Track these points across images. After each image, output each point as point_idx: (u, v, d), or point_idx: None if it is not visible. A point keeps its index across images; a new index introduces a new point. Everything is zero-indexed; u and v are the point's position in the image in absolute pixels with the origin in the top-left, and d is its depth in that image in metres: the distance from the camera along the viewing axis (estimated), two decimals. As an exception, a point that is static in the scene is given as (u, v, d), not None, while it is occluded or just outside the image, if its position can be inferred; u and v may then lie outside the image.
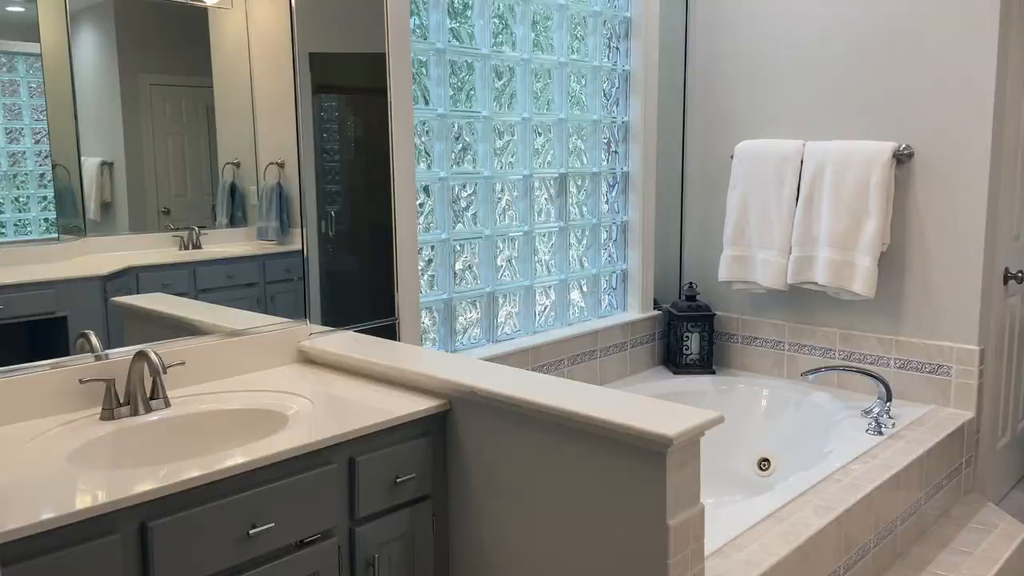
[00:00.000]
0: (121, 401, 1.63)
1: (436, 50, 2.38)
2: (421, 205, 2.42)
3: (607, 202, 3.06)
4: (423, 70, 2.37)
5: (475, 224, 2.59)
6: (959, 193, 2.61)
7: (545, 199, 2.81)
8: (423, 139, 2.40)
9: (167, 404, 1.66)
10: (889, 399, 2.59)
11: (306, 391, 1.76)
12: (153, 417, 1.61)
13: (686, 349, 3.14)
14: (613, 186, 3.07)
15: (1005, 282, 2.78)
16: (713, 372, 3.14)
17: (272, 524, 1.42)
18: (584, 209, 2.97)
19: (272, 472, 1.42)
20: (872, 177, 2.67)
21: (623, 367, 3.06)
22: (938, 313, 2.69)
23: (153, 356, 1.58)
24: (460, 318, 2.58)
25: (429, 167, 2.43)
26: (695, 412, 1.45)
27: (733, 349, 3.21)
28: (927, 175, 2.67)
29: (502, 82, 2.61)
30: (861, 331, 2.87)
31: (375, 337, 2.09)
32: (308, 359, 2.00)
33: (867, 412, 2.59)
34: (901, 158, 2.70)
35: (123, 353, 1.70)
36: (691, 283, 3.22)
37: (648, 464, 1.42)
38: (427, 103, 2.40)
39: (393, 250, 2.23)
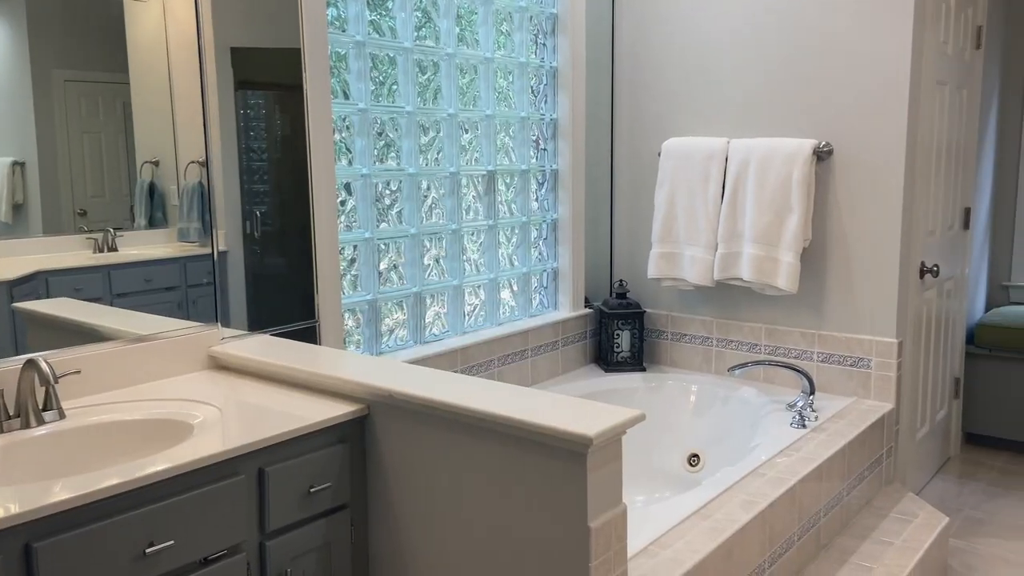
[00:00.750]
0: (11, 413, 1.53)
1: (356, 43, 2.31)
2: (343, 203, 2.34)
3: (537, 200, 3.03)
4: (342, 64, 2.30)
5: (400, 223, 2.53)
6: (876, 190, 2.67)
7: (473, 197, 2.77)
8: (343, 135, 2.33)
9: (61, 415, 1.55)
10: (812, 392, 2.63)
11: (215, 399, 1.67)
12: (44, 430, 1.50)
13: (617, 347, 3.14)
14: (543, 183, 3.05)
15: (921, 276, 2.85)
16: (644, 369, 3.14)
17: (172, 542, 1.33)
18: (513, 207, 2.93)
19: (172, 486, 1.34)
20: (794, 174, 2.71)
21: (555, 366, 3.04)
22: (858, 307, 2.74)
23: (43, 365, 1.48)
24: (386, 319, 2.52)
25: (351, 163, 2.36)
26: (616, 411, 1.42)
27: (663, 346, 3.23)
28: (846, 172, 2.72)
29: (426, 77, 2.55)
30: (786, 326, 2.91)
31: (292, 341, 2.01)
32: (220, 365, 1.91)
33: (791, 406, 2.63)
34: (821, 155, 2.74)
35: (13, 363, 1.59)
36: (621, 281, 3.22)
37: (568, 465, 1.39)
38: (347, 98, 2.32)
39: (312, 250, 2.15)
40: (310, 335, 2.17)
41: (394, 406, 1.61)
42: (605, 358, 3.16)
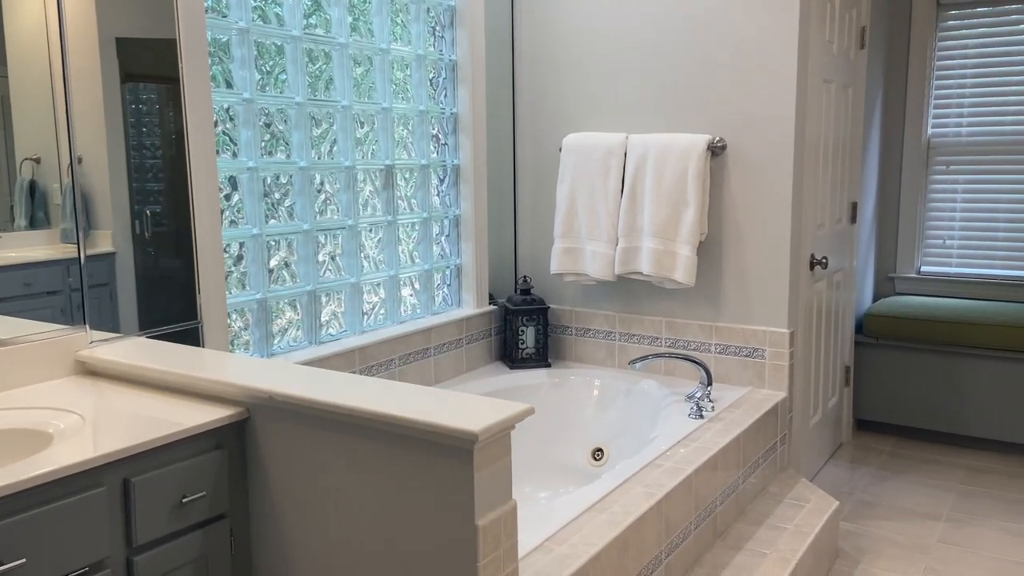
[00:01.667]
0: None
1: (239, 30, 2.21)
2: (228, 198, 2.23)
3: (438, 195, 2.98)
4: (224, 52, 2.19)
5: (292, 218, 2.43)
6: (767, 184, 2.74)
7: (370, 192, 2.69)
8: (227, 126, 2.22)
9: None
10: (710, 383, 2.68)
11: (79, 406, 1.55)
12: None
13: (522, 343, 3.12)
14: (444, 179, 3.00)
15: (811, 268, 2.95)
16: (548, 365, 3.13)
17: (23, 560, 1.22)
18: (414, 202, 2.87)
19: (23, 500, 1.23)
20: (689, 169, 2.75)
21: (459, 364, 2.99)
22: (752, 299, 2.81)
23: None
24: (278, 319, 2.41)
25: (235, 156, 2.25)
26: (503, 406, 1.39)
27: (568, 341, 3.23)
28: (739, 167, 2.78)
29: (317, 67, 2.47)
30: (685, 319, 2.96)
31: (168, 343, 1.89)
32: (89, 370, 1.78)
33: (690, 397, 2.67)
34: (715, 150, 2.80)
35: None
36: (525, 277, 3.20)
37: (454, 462, 1.35)
38: (230, 87, 2.22)
39: (193, 247, 2.04)
40: (193, 337, 2.06)
41: (275, 408, 1.53)
42: (510, 355, 3.14)
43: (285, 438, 1.53)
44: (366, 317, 2.70)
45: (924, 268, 4.01)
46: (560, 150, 3.06)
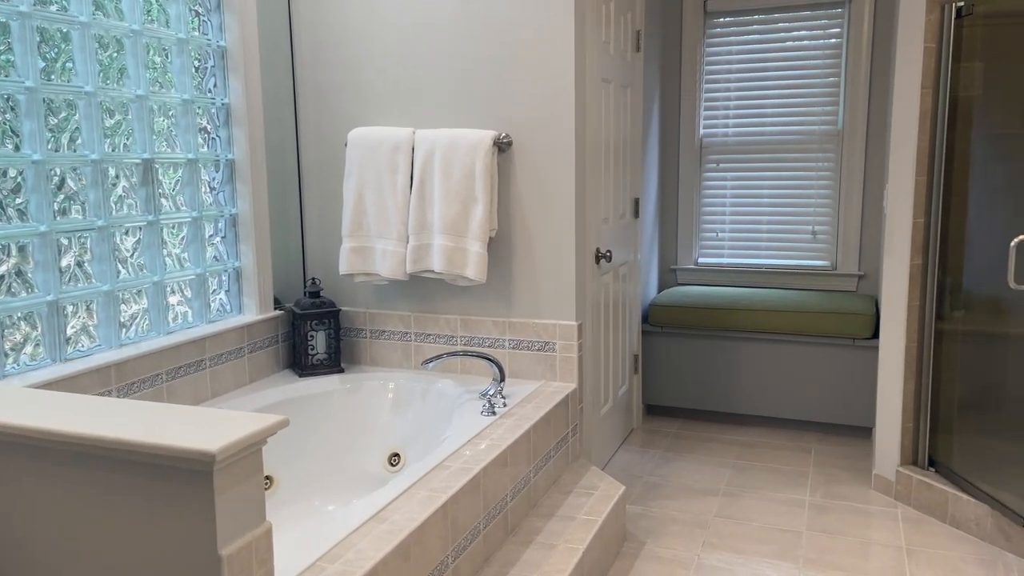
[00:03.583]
0: None
1: (-58, -1, 1.88)
2: (-66, 195, 1.90)
3: (210, 193, 2.74)
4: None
5: (25, 219, 2.12)
6: (552, 180, 2.78)
7: (125, 189, 2.42)
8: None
9: None
10: (503, 379, 2.67)
11: None
12: None
13: (312, 349, 2.96)
14: (217, 175, 2.76)
15: (597, 261, 3.04)
16: (342, 370, 3.00)
17: None
18: (180, 200, 2.62)
19: None
20: (476, 164, 2.73)
21: (240, 375, 2.78)
22: (541, 293, 2.84)
23: None
24: (13, 335, 2.10)
25: (-57, 147, 1.92)
26: (250, 419, 1.26)
27: (362, 344, 3.11)
28: (525, 163, 2.80)
29: (52, 48, 2.17)
30: (479, 316, 2.94)
31: None
32: None
33: (483, 394, 2.64)
34: (502, 146, 2.80)
35: None
36: (314, 279, 3.04)
37: (192, 487, 1.20)
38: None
39: None
40: None
41: (-24, 441, 1.30)
42: (300, 362, 2.96)
43: (-10, 475, 1.30)
44: (125, 329, 2.43)
45: (701, 259, 4.29)
46: (346, 145, 2.93)
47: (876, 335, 3.58)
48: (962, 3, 2.71)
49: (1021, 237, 2.47)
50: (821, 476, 3.22)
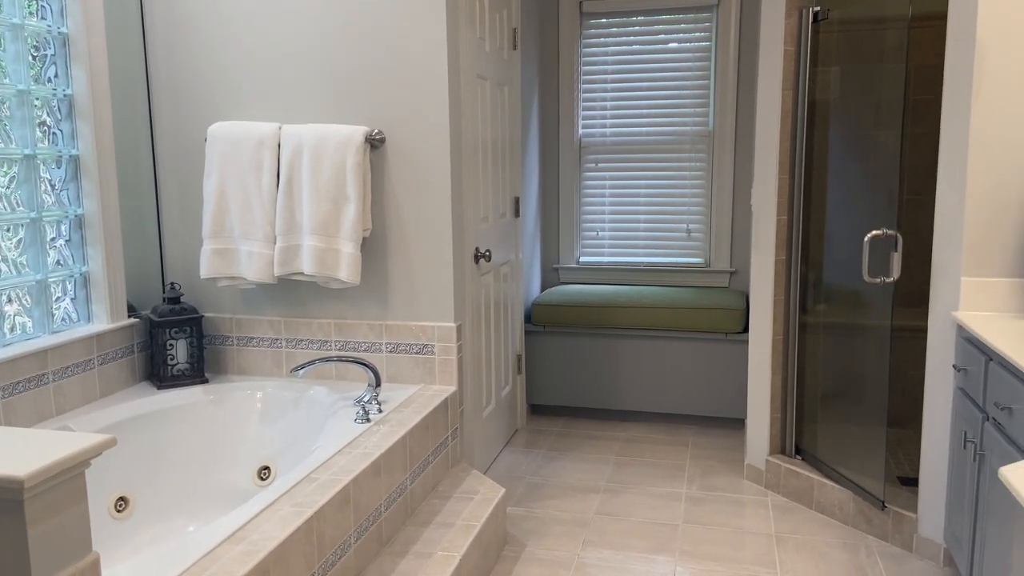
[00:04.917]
0: None
1: None
2: None
3: (52, 192, 2.51)
4: None
5: None
6: (427, 178, 2.71)
7: (-54, 187, 2.17)
8: None
9: None
10: (378, 384, 2.58)
11: None
12: None
13: (171, 359, 2.76)
14: (59, 173, 2.53)
15: (476, 261, 2.99)
16: (206, 381, 2.81)
17: None
18: (16, 200, 2.38)
19: None
20: (347, 162, 2.62)
21: (90, 389, 2.56)
22: (419, 295, 2.77)
23: None
24: None
25: None
26: (68, 440, 1.13)
27: (228, 352, 2.93)
28: (399, 161, 2.72)
29: None
30: (354, 319, 2.83)
31: None
32: None
33: (357, 401, 2.54)
34: (374, 143, 2.70)
35: None
36: (173, 283, 2.84)
37: (0, 518, 1.06)
38: None
39: None
40: None
41: None
42: (158, 373, 2.76)
43: None
44: (-51, 342, 2.18)
45: (583, 258, 4.33)
46: (205, 140, 2.76)
47: (747, 329, 3.71)
48: (818, 8, 2.83)
49: (874, 232, 2.60)
50: (697, 468, 3.30)
